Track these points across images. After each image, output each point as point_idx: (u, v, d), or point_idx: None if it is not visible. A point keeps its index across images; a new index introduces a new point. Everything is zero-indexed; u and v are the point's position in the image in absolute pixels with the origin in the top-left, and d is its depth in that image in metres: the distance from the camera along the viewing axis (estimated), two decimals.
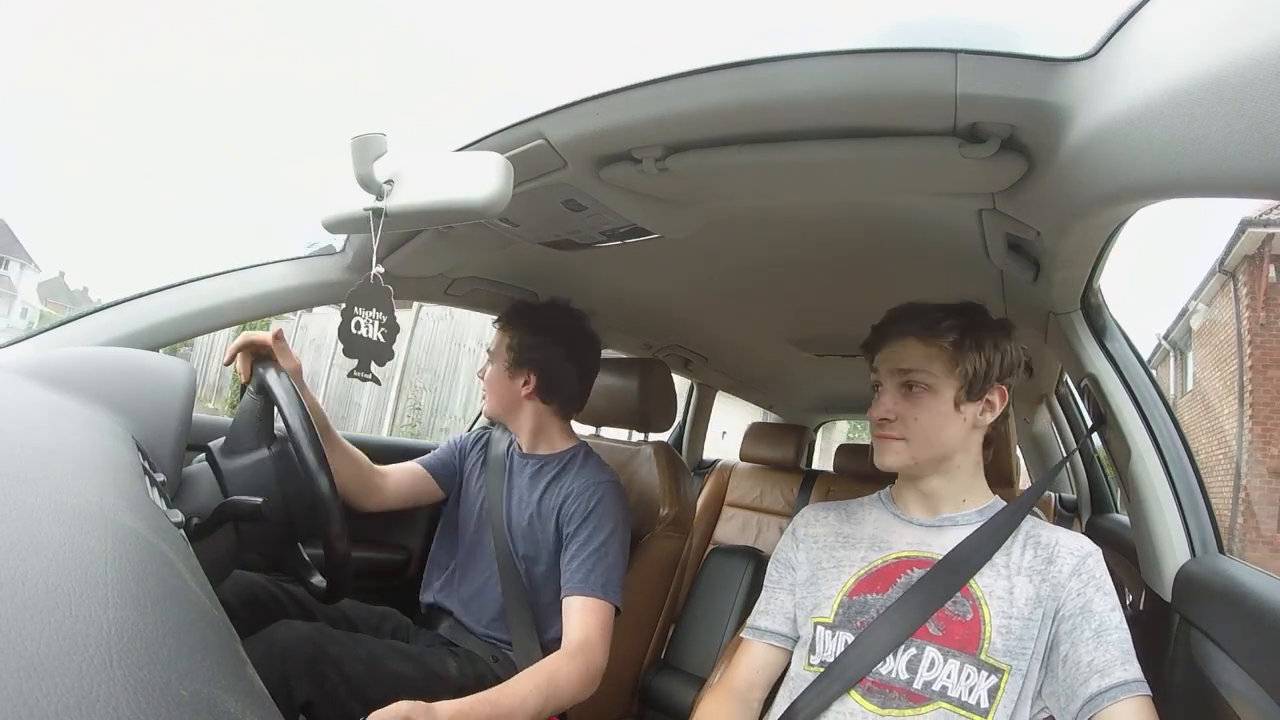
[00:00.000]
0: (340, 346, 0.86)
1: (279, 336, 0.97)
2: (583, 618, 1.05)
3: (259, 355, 0.96)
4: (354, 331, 0.85)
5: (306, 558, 0.97)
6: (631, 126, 0.76)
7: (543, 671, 0.96)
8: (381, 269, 0.84)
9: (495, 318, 1.31)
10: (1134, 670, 0.71)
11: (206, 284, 1.07)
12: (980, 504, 0.88)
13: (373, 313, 0.84)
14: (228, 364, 0.97)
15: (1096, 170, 0.58)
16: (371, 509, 1.21)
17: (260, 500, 0.82)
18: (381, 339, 0.84)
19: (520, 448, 1.29)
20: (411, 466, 1.29)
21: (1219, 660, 0.68)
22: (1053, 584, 0.78)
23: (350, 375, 0.87)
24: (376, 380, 0.86)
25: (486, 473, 1.27)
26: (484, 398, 1.28)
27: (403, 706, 0.76)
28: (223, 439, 0.88)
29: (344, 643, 0.94)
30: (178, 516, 0.56)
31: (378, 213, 0.80)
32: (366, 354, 0.85)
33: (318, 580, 0.93)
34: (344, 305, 0.86)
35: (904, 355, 0.87)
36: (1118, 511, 1.79)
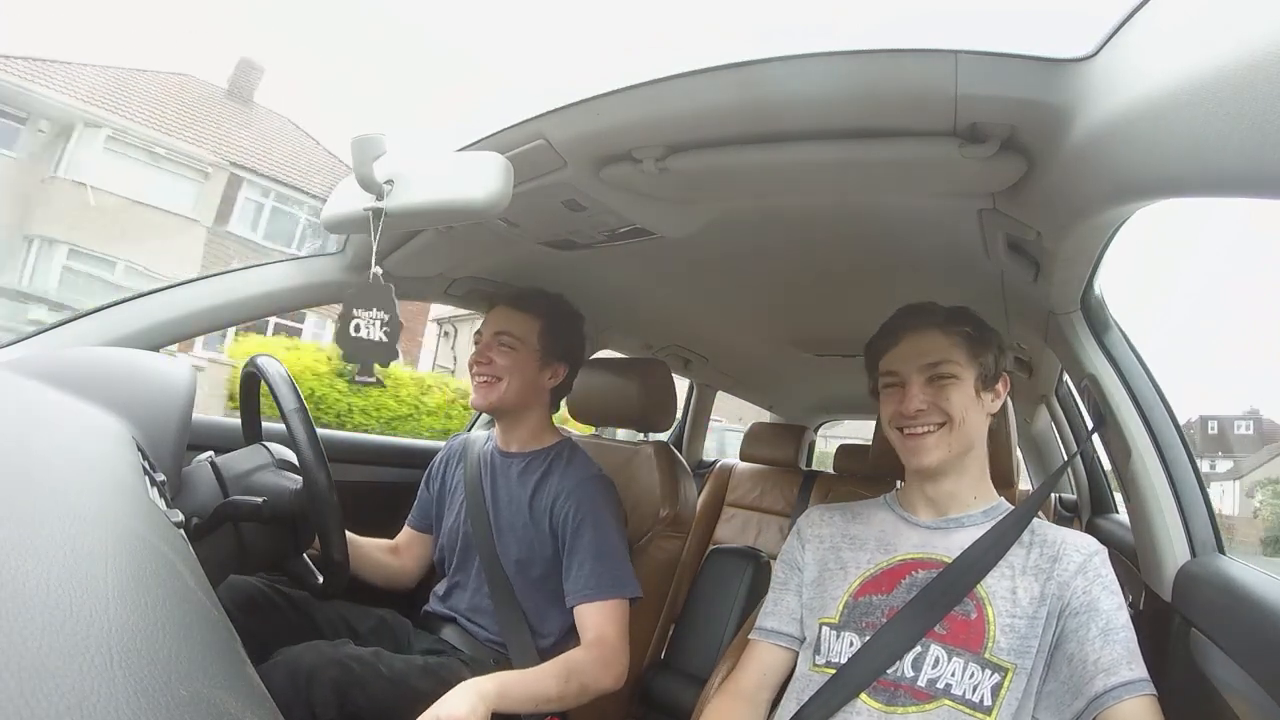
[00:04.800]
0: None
1: None
2: (596, 620, 1.07)
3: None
4: (353, 335, 0.84)
5: (309, 561, 0.98)
6: (631, 126, 0.76)
7: (560, 659, 1.01)
8: (380, 270, 0.83)
9: (509, 300, 1.23)
10: (1140, 669, 0.72)
11: (206, 284, 1.07)
12: (986, 504, 0.89)
13: (373, 313, 0.84)
14: None
15: (1096, 170, 0.58)
16: (403, 587, 1.31)
17: (260, 500, 0.82)
18: (384, 338, 0.83)
19: (499, 446, 1.25)
20: (409, 535, 1.34)
21: (1219, 660, 0.68)
22: (1058, 582, 0.78)
23: (353, 382, 0.86)
24: (380, 382, 0.85)
25: (465, 483, 1.25)
26: (484, 386, 1.18)
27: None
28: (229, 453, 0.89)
29: (368, 662, 0.94)
30: (178, 516, 0.56)
31: (377, 213, 0.80)
32: (369, 355, 0.83)
33: (317, 578, 0.94)
34: (341, 310, 0.85)
35: (929, 347, 0.87)
36: (1118, 512, 1.79)
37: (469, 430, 1.79)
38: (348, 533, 1.09)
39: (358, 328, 0.84)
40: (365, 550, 1.21)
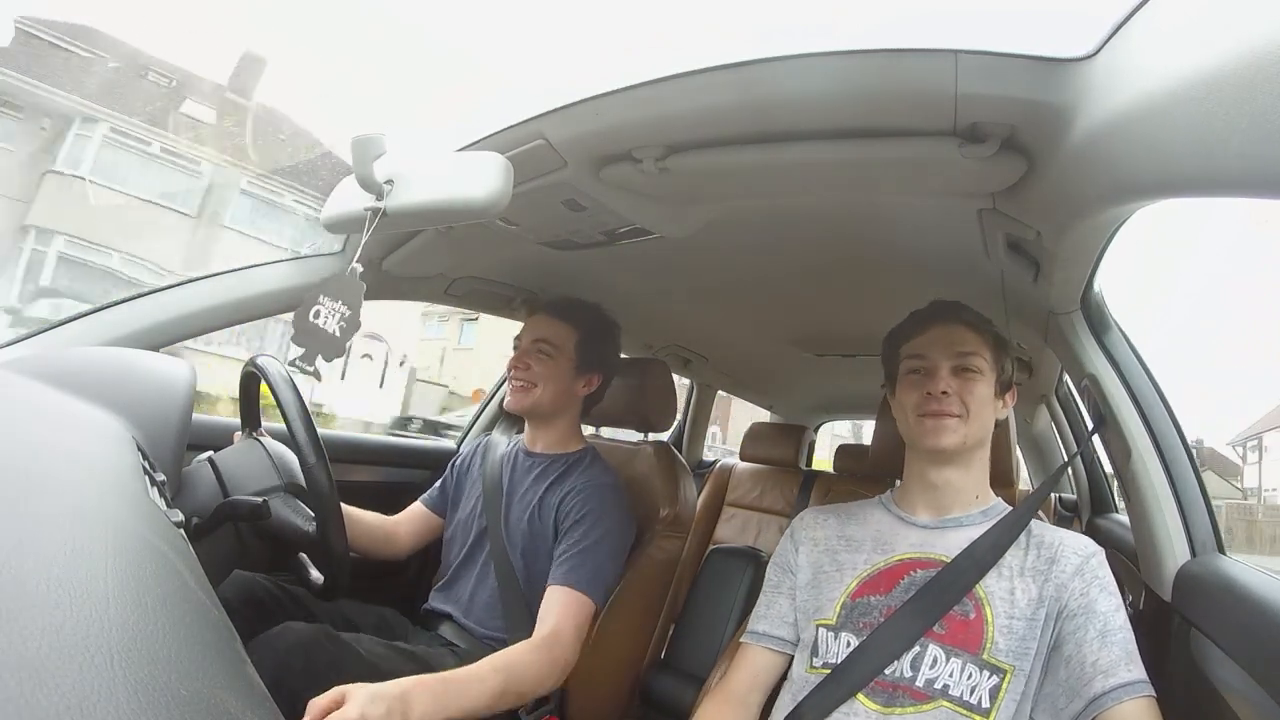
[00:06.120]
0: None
1: None
2: (558, 609, 1.03)
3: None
4: (311, 320, 0.81)
5: (307, 560, 0.98)
6: (631, 126, 0.76)
7: (503, 657, 0.95)
8: (360, 267, 0.82)
9: (547, 308, 1.26)
10: (1138, 671, 0.71)
11: (206, 284, 1.07)
12: (985, 504, 0.89)
13: (338, 305, 0.81)
14: None
15: (1096, 170, 0.58)
16: (391, 558, 1.29)
17: (261, 500, 0.82)
18: (338, 333, 0.80)
19: (525, 446, 1.28)
20: (417, 510, 1.34)
21: (1219, 660, 0.68)
22: (1056, 584, 0.78)
23: (291, 365, 0.81)
24: (318, 375, 0.81)
25: (484, 478, 1.27)
26: (519, 390, 1.22)
27: (339, 688, 0.74)
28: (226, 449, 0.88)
29: (346, 644, 0.93)
30: (178, 516, 0.56)
31: (375, 212, 0.79)
32: (316, 345, 0.80)
33: (316, 578, 0.94)
34: (310, 292, 0.82)
35: (960, 339, 0.88)
36: (1118, 512, 1.79)
37: (467, 432, 1.79)
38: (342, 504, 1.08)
39: (317, 314, 0.81)
40: (355, 517, 1.20)
